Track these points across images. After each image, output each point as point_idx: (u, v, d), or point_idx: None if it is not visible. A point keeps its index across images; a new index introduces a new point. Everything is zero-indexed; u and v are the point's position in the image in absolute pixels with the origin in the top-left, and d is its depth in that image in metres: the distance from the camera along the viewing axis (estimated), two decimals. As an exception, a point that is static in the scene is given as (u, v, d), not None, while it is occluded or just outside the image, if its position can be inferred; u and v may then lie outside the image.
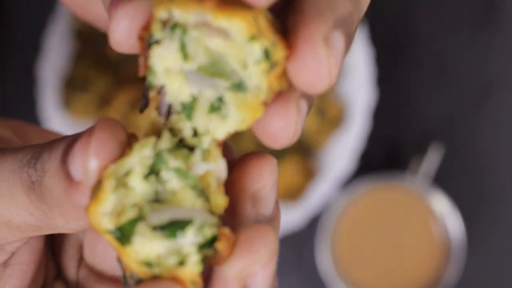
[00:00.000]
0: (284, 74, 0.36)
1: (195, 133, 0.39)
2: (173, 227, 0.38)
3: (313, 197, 1.01)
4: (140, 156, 0.38)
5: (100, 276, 0.46)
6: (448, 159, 1.05)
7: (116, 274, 0.45)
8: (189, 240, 0.38)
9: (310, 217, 1.04)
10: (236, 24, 0.35)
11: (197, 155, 0.39)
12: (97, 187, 0.38)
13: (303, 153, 1.01)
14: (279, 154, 0.99)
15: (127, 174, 0.38)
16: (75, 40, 1.01)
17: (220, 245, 0.38)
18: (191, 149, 0.39)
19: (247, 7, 0.36)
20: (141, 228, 0.38)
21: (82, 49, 1.01)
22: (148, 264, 0.38)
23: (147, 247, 0.38)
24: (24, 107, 1.03)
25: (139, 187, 0.38)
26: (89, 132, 0.37)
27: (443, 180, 1.05)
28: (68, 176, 0.38)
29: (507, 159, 1.05)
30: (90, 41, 1.00)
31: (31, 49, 1.04)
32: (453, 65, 1.05)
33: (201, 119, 0.39)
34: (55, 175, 0.38)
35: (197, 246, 0.38)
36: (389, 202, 0.98)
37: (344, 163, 1.02)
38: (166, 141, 0.39)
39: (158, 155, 0.39)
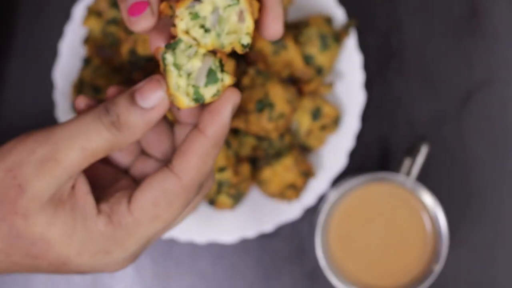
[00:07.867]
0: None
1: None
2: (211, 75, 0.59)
3: (308, 196, 1.01)
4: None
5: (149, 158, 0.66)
6: (434, 159, 1.05)
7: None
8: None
9: (304, 212, 1.04)
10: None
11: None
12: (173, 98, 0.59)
13: (300, 153, 0.99)
14: (277, 154, 0.98)
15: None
16: (87, 47, 1.02)
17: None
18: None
19: None
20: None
21: (93, 56, 1.02)
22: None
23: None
24: (45, 109, 1.05)
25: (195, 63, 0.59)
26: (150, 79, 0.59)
27: (429, 180, 1.05)
28: (142, 108, 0.58)
29: (491, 157, 1.05)
30: (101, 49, 1.02)
31: (51, 55, 1.06)
32: (438, 70, 1.06)
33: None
34: (130, 112, 0.58)
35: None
36: (379, 194, 0.96)
37: (337, 163, 1.01)
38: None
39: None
